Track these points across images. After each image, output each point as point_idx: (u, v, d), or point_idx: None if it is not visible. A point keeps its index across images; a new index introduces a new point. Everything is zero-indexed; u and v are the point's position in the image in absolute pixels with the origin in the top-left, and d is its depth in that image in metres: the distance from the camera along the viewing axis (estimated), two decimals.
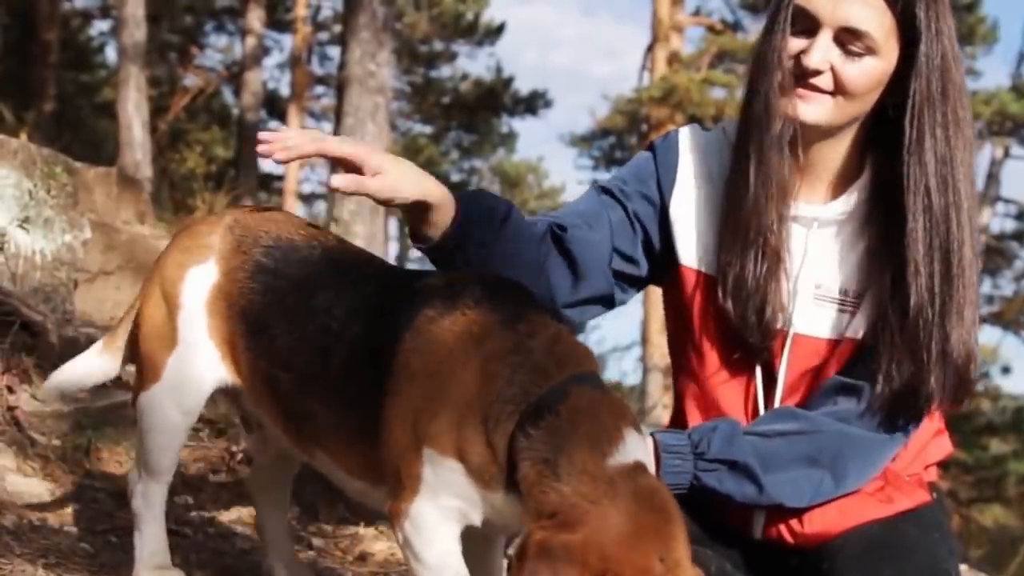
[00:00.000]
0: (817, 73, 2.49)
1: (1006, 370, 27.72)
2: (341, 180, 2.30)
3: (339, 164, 2.34)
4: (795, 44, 2.51)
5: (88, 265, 5.82)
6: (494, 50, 31.52)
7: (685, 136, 2.73)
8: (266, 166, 29.24)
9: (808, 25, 2.50)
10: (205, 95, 24.96)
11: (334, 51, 25.17)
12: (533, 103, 27.96)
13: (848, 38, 2.47)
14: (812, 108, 2.52)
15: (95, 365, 2.73)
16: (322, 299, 2.43)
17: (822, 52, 2.48)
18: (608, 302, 2.71)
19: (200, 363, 2.52)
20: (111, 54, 24.82)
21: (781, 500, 2.53)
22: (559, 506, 2.05)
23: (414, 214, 2.43)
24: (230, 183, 12.98)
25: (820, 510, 2.58)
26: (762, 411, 2.60)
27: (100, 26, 27.92)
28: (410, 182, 2.37)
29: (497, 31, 28.12)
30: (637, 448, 2.13)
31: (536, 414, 2.11)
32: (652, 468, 2.18)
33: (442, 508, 2.20)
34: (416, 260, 26.01)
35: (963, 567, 5.08)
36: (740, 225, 2.56)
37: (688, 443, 2.49)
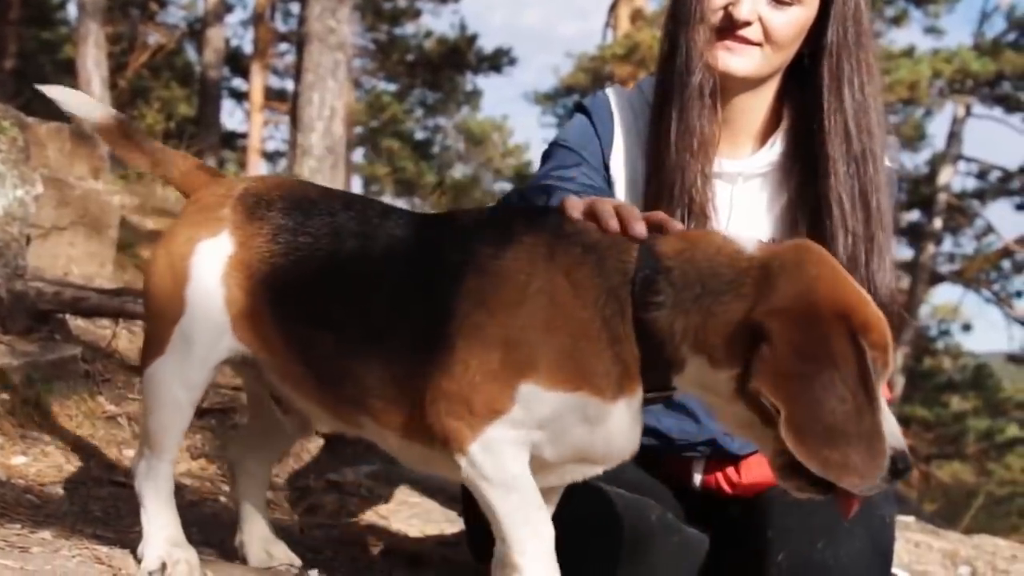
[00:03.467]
0: (746, 24, 2.51)
1: (967, 328, 28.00)
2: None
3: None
4: None
5: (41, 220, 5.79)
6: (458, 7, 31.39)
7: (613, 96, 2.76)
8: (229, 124, 29.03)
9: None
10: (165, 52, 24.71)
11: (297, 8, 24.92)
12: (497, 61, 27.86)
13: None
14: (741, 60, 2.54)
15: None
16: (353, 248, 2.31)
17: (751, 2, 2.50)
18: None
19: (207, 335, 2.40)
20: (72, 11, 24.53)
21: (718, 438, 2.60)
22: (743, 311, 1.93)
23: None
24: (190, 140, 12.89)
25: (756, 459, 2.63)
26: None
27: None
28: None
29: None
30: (753, 240, 2.04)
31: (647, 283, 2.01)
32: None
33: (516, 437, 2.07)
34: None
35: (910, 519, 5.16)
36: (664, 184, 2.58)
37: None
